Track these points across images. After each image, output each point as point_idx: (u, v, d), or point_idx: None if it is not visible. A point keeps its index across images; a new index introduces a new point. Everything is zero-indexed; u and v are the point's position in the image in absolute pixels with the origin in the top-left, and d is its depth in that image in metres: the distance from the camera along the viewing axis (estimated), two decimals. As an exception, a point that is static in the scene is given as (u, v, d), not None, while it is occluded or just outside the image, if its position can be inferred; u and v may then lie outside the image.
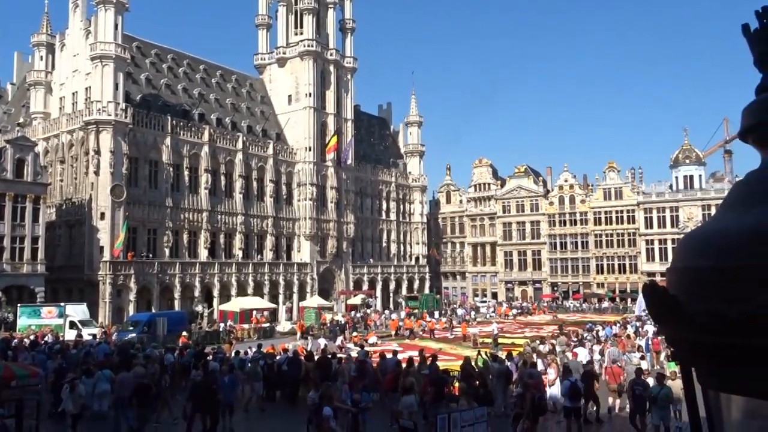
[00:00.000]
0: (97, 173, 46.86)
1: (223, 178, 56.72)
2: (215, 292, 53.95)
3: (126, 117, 47.96)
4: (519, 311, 64.03)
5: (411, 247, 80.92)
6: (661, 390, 14.26)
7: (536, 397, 15.02)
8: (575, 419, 15.59)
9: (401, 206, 79.70)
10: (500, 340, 35.60)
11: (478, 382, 17.78)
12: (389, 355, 22.91)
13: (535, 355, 21.53)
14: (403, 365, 19.07)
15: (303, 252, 63.84)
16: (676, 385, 15.05)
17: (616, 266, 77.16)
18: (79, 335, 34.15)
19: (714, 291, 0.96)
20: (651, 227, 75.48)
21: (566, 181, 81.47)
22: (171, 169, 51.83)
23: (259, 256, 59.59)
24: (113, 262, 46.29)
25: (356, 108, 74.10)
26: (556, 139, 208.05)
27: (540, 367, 19.65)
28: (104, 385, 16.05)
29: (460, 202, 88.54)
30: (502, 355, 22.17)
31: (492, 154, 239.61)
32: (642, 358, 21.79)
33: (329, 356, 22.58)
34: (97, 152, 46.89)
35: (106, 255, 46.30)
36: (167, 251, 51.21)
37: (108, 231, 46.40)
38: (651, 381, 17.97)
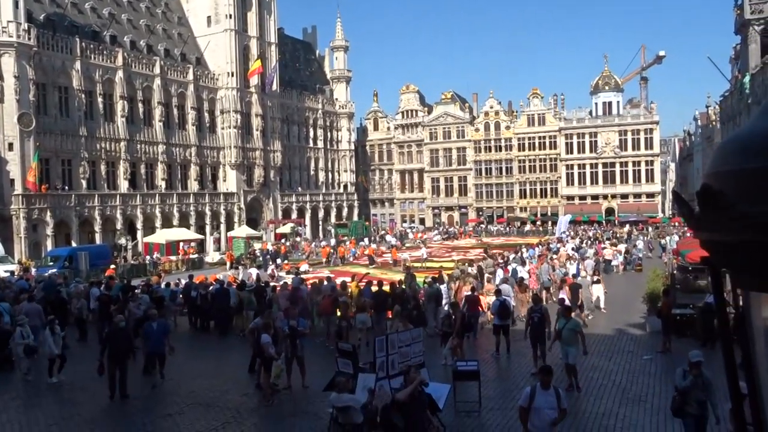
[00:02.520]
0: (1, 100, 43.51)
1: (140, 105, 53.97)
2: (139, 225, 52.36)
3: (29, 39, 44.29)
4: (446, 236, 65.68)
5: (339, 175, 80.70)
6: (567, 324, 12.64)
7: (465, 316, 15.60)
8: (504, 335, 16.36)
9: (328, 134, 78.78)
10: (428, 264, 36.77)
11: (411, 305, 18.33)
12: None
13: (464, 277, 22.23)
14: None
15: (229, 181, 62.50)
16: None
17: (538, 191, 79.91)
18: (-5, 272, 32.55)
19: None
20: (571, 152, 78.12)
21: (492, 107, 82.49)
22: (83, 95, 48.78)
23: (201, 187, 57.96)
24: (26, 195, 43.82)
25: (280, 31, 71.38)
26: (482, 65, 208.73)
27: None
28: (5, 317, 15.82)
29: (388, 129, 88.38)
30: (420, 279, 23.35)
31: (419, 81, 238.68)
32: (598, 281, 22.31)
33: (263, 285, 22.60)
34: (0, 78, 43.40)
35: (17, 188, 43.73)
36: (84, 183, 48.87)
37: (18, 163, 43.64)
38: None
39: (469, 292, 18.72)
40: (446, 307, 18.28)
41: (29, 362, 14.90)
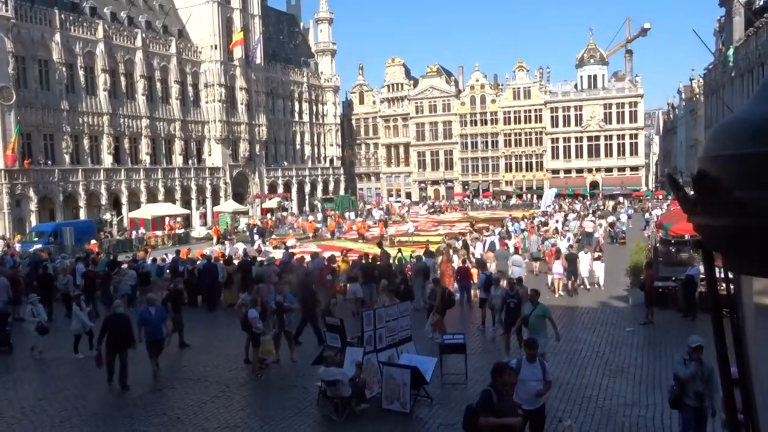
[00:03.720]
0: (-21, 74, 42.59)
1: (123, 78, 53.08)
2: (123, 200, 51.91)
3: (7, 10, 43.24)
4: (432, 210, 65.80)
5: (325, 149, 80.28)
6: (534, 310, 11.46)
7: (445, 293, 15.66)
8: (489, 309, 16.51)
9: (314, 107, 78.10)
10: (415, 239, 36.97)
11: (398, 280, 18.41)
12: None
13: (451, 251, 22.33)
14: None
15: (214, 156, 61.97)
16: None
17: (524, 164, 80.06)
18: (-22, 248, 32.24)
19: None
20: (556, 126, 78.17)
21: (477, 80, 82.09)
22: (64, 68, 47.83)
23: (192, 162, 57.37)
24: (8, 170, 43.16)
25: (263, 3, 70.21)
26: (468, 37, 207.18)
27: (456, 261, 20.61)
28: None
29: (374, 102, 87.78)
30: (407, 253, 23.48)
31: (405, 54, 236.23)
32: (599, 258, 21.76)
33: (249, 259, 22.58)
34: (-23, 50, 42.41)
35: (-1, 163, 43.10)
36: (67, 158, 48.22)
37: (-1, 137, 42.95)
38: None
39: (460, 264, 19.00)
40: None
41: (41, 341, 14.62)
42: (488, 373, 12.26)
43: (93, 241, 34.94)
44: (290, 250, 25.47)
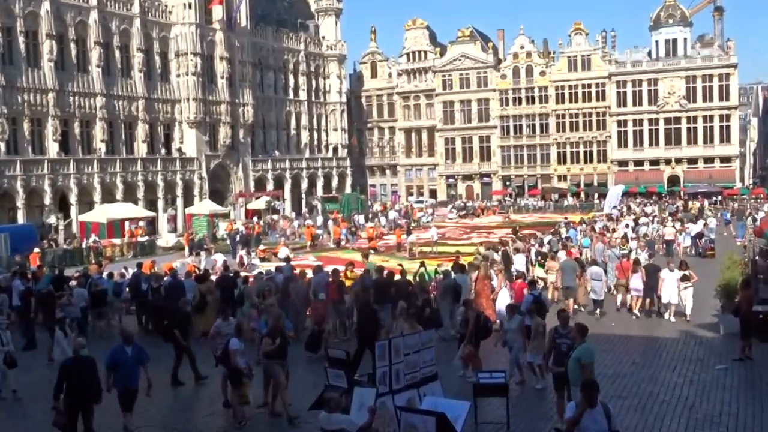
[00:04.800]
0: None
1: (73, 46, 53.61)
2: (72, 199, 52.42)
3: (-72, -40, 43.96)
4: (463, 212, 65.72)
5: (327, 135, 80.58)
6: (576, 348, 10.79)
7: (480, 318, 15.48)
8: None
9: (314, 82, 78.45)
10: (439, 249, 36.99)
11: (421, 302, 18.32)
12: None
13: (489, 265, 22.19)
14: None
15: (187, 144, 62.40)
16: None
17: (582, 154, 79.74)
18: None
19: None
20: (625, 105, 77.85)
21: (522, 47, 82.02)
22: (1, 34, 48.45)
23: (151, 151, 57.79)
24: (-72, 161, 43.82)
25: (250, -50, 70.75)
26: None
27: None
28: None
29: (389, 75, 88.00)
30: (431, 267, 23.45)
31: (429, 14, 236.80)
32: (686, 278, 20.72)
33: (231, 275, 22.60)
34: None
35: None
36: (3, 146, 48.79)
37: None
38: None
39: (515, 281, 19.14)
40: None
41: (10, 376, 14.34)
42: (534, 420, 12.14)
43: (35, 250, 35.23)
44: (290, 263, 25.51)
